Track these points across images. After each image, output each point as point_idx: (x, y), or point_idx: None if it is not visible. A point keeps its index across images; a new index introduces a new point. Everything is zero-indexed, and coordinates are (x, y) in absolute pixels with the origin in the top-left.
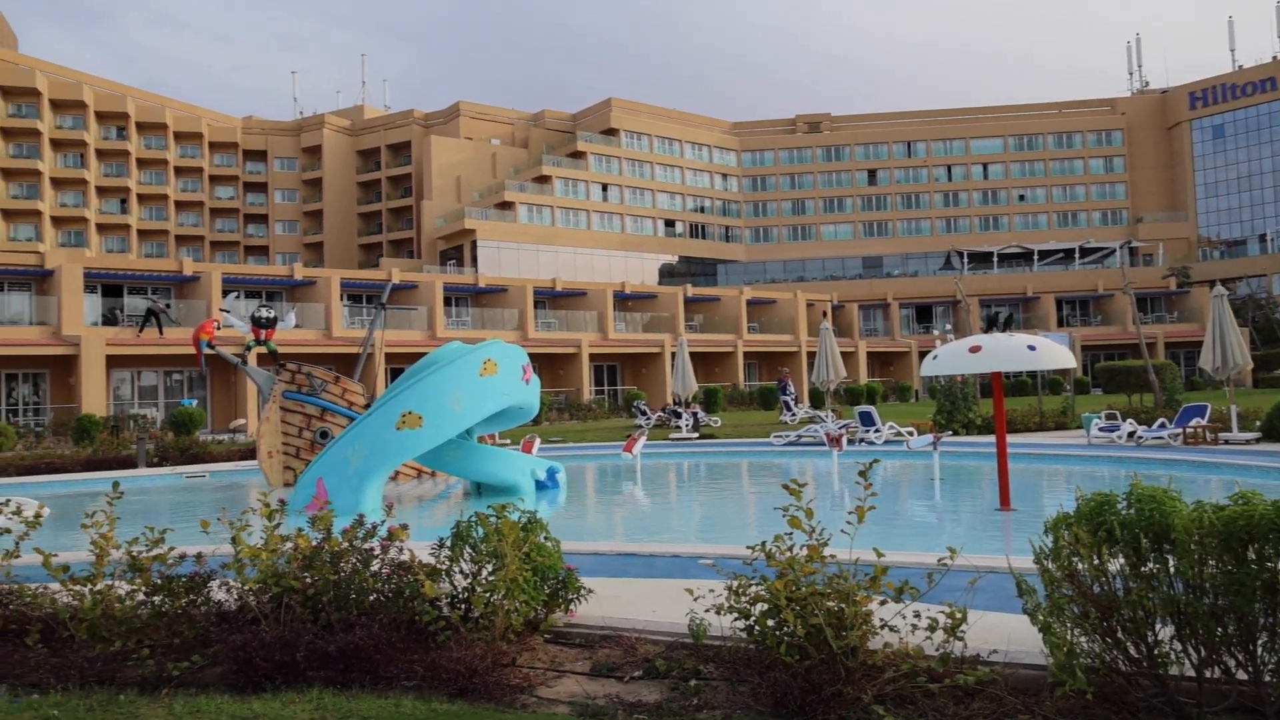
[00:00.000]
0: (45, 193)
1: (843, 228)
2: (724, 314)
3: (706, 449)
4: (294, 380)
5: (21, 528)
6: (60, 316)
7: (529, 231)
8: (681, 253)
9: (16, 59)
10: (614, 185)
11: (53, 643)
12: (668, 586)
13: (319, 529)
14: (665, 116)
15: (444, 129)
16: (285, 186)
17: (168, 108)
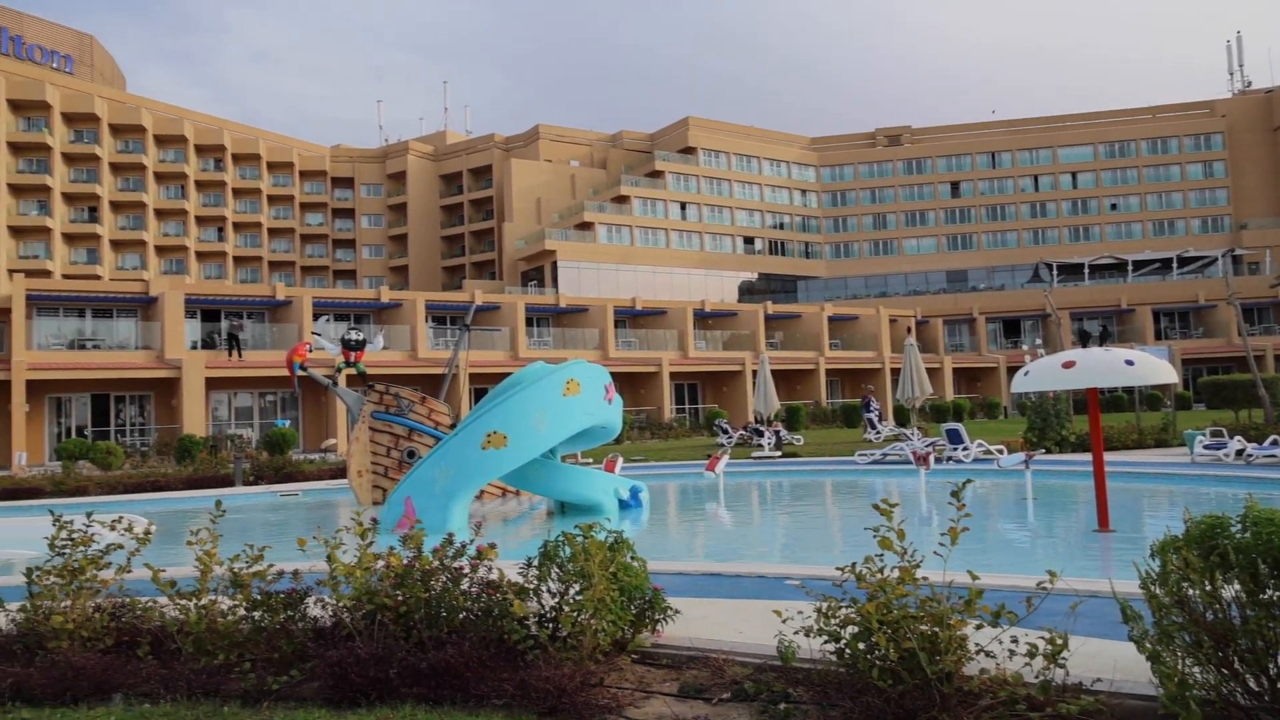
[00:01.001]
0: (149, 223)
1: (925, 241)
2: (805, 331)
3: (789, 467)
4: (382, 401)
5: (133, 544)
6: (163, 341)
7: (608, 251)
8: (761, 270)
9: (124, 98)
10: (692, 203)
11: (161, 655)
12: (754, 607)
13: (410, 547)
14: (743, 134)
15: (524, 152)
16: (371, 212)
17: (261, 139)
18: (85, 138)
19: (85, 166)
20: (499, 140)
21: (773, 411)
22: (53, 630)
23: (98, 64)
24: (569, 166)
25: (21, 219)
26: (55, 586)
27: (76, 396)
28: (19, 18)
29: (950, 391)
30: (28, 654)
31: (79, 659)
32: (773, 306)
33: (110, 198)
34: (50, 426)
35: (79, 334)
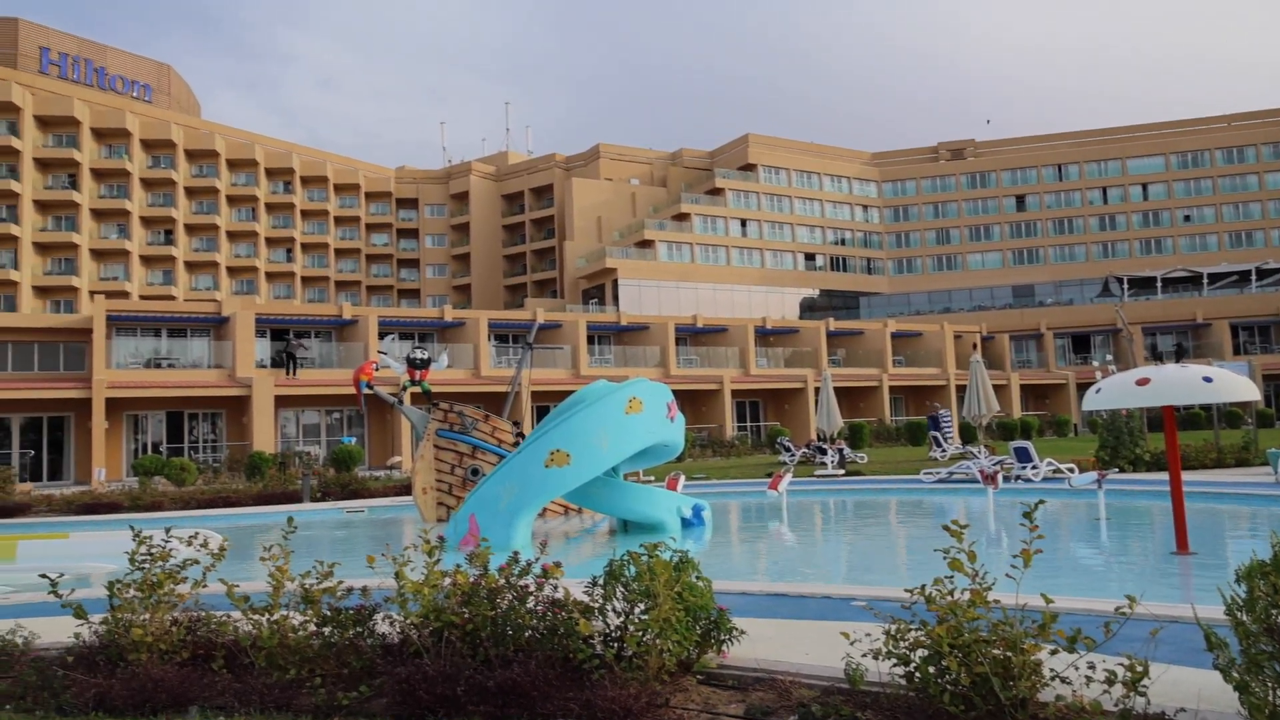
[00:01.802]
0: (222, 245)
1: (990, 256)
2: (867, 348)
3: (853, 486)
4: (446, 419)
5: (208, 559)
6: (234, 360)
7: (669, 269)
8: (822, 286)
9: (199, 124)
10: (753, 220)
11: (235, 668)
12: (820, 628)
13: (476, 565)
14: (803, 150)
15: (584, 171)
16: (435, 232)
17: (329, 162)
18: (162, 163)
19: (162, 191)
20: (560, 160)
21: (836, 429)
22: (132, 643)
23: (175, 92)
24: (629, 185)
25: (103, 242)
26: (135, 600)
27: (152, 414)
28: (103, 50)
29: (1017, 409)
30: (109, 665)
31: (157, 671)
32: (835, 323)
33: (185, 220)
34: (128, 443)
35: (155, 353)
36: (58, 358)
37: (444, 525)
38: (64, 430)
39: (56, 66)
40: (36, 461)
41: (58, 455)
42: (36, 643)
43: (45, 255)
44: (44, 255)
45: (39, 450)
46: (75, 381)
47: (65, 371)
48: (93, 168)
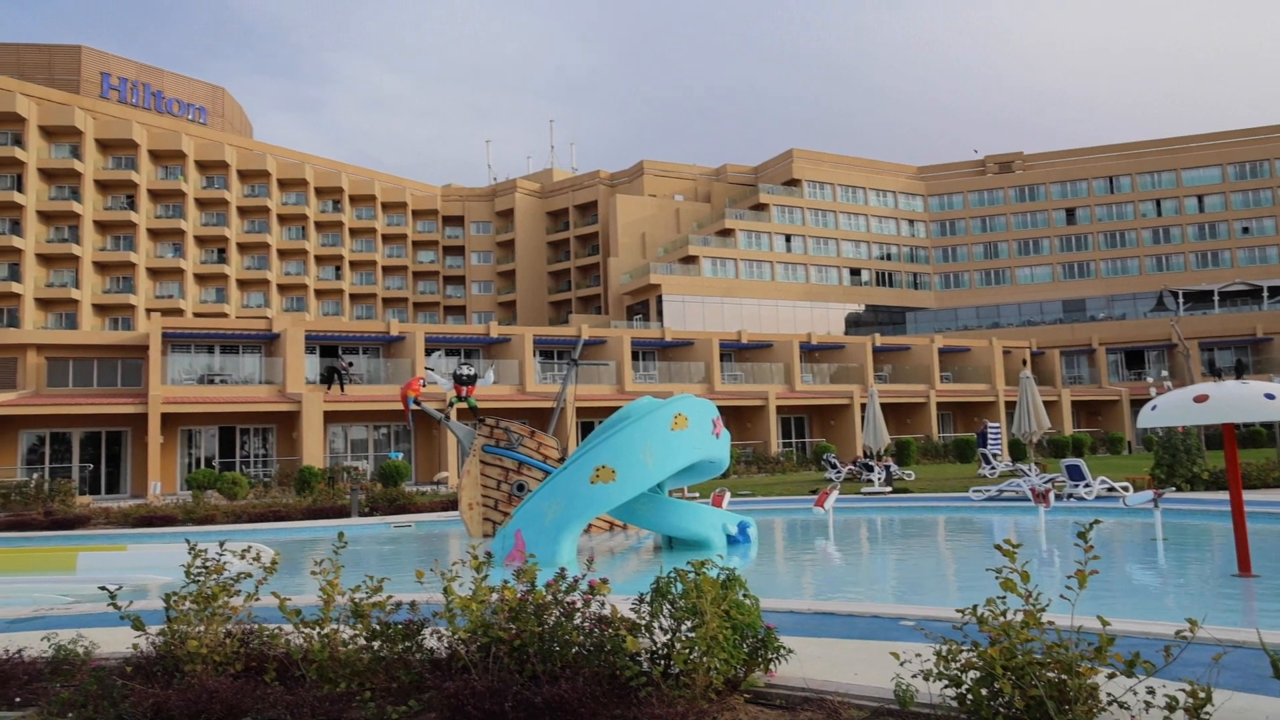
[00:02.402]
0: (273, 263)
1: (1040, 270)
2: (914, 363)
3: (901, 504)
4: (492, 435)
5: (260, 573)
6: (285, 376)
7: (713, 284)
8: (868, 301)
9: (251, 145)
10: (797, 235)
11: (287, 681)
12: (869, 648)
13: (524, 581)
14: (848, 164)
15: (628, 187)
16: (481, 249)
17: (376, 180)
18: (216, 183)
19: (215, 210)
20: (604, 176)
21: (883, 446)
22: (188, 654)
23: (228, 114)
24: (673, 201)
25: (159, 261)
26: (190, 612)
27: (205, 429)
28: (160, 74)
29: (1069, 425)
30: (166, 676)
31: (212, 683)
32: (881, 339)
33: (237, 239)
34: (182, 457)
35: (208, 369)
36: (116, 374)
37: (490, 540)
38: (121, 444)
39: (116, 91)
40: (95, 475)
41: (115, 469)
42: (96, 652)
43: (104, 274)
44: (103, 274)
45: (97, 464)
46: (132, 397)
47: (123, 387)
48: (150, 189)
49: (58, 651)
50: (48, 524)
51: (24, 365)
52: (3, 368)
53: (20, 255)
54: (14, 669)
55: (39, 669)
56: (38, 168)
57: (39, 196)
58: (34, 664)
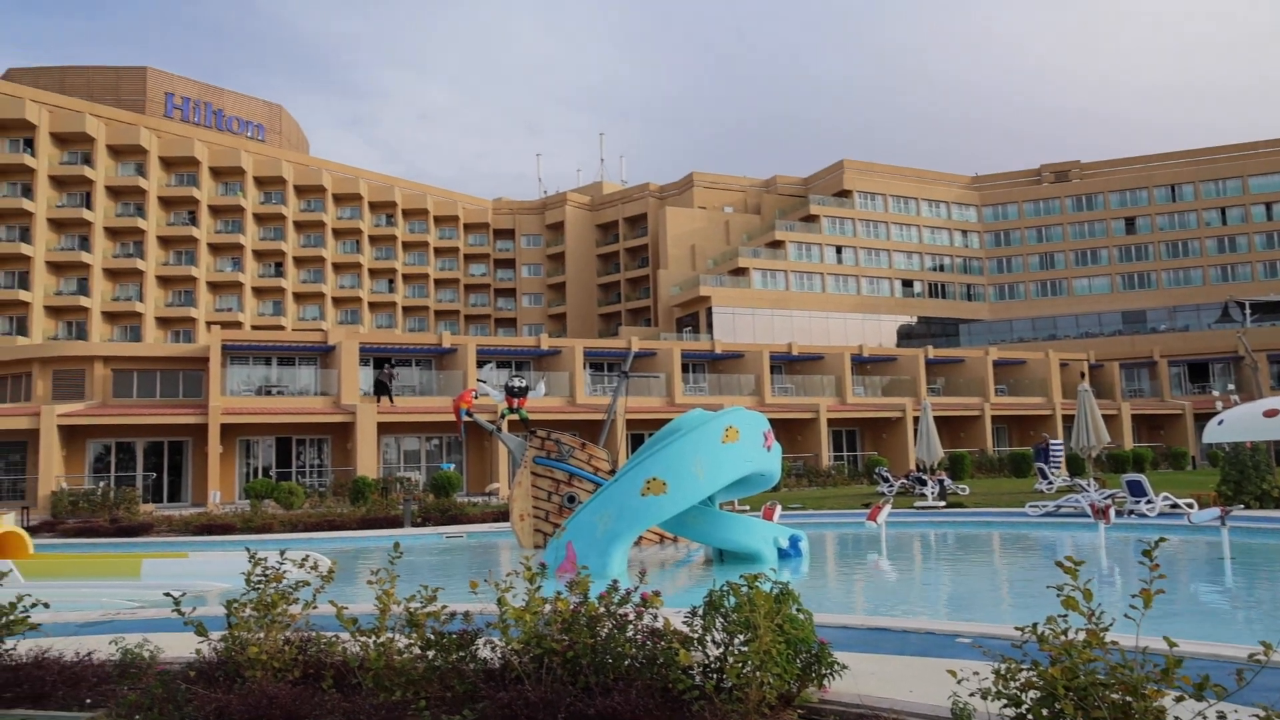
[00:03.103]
0: (328, 276)
1: (1098, 281)
2: (968, 376)
3: (954, 518)
4: (544, 446)
5: (318, 581)
6: (340, 387)
7: (763, 296)
8: (920, 313)
9: (308, 161)
10: (848, 247)
11: (343, 688)
12: (924, 665)
13: (577, 593)
14: (899, 175)
15: (678, 200)
16: (531, 261)
17: (429, 195)
18: (273, 199)
19: (273, 225)
20: (654, 189)
21: (936, 460)
22: (249, 660)
23: (285, 131)
24: (723, 213)
25: (218, 275)
26: (251, 619)
27: (263, 439)
28: (221, 93)
29: (1129, 440)
30: (228, 681)
31: (272, 689)
32: (934, 351)
33: (294, 253)
34: (240, 467)
35: (266, 381)
36: (178, 385)
37: (541, 552)
38: (183, 454)
39: (179, 110)
40: (158, 483)
41: (177, 478)
42: (161, 656)
43: (167, 288)
44: (166, 288)
45: (160, 473)
46: (193, 408)
47: (184, 398)
48: (210, 204)
49: (125, 655)
50: (114, 531)
51: (91, 377)
52: (72, 379)
53: (88, 270)
54: (84, 671)
55: (107, 671)
56: (105, 185)
57: (106, 213)
58: (102, 666)
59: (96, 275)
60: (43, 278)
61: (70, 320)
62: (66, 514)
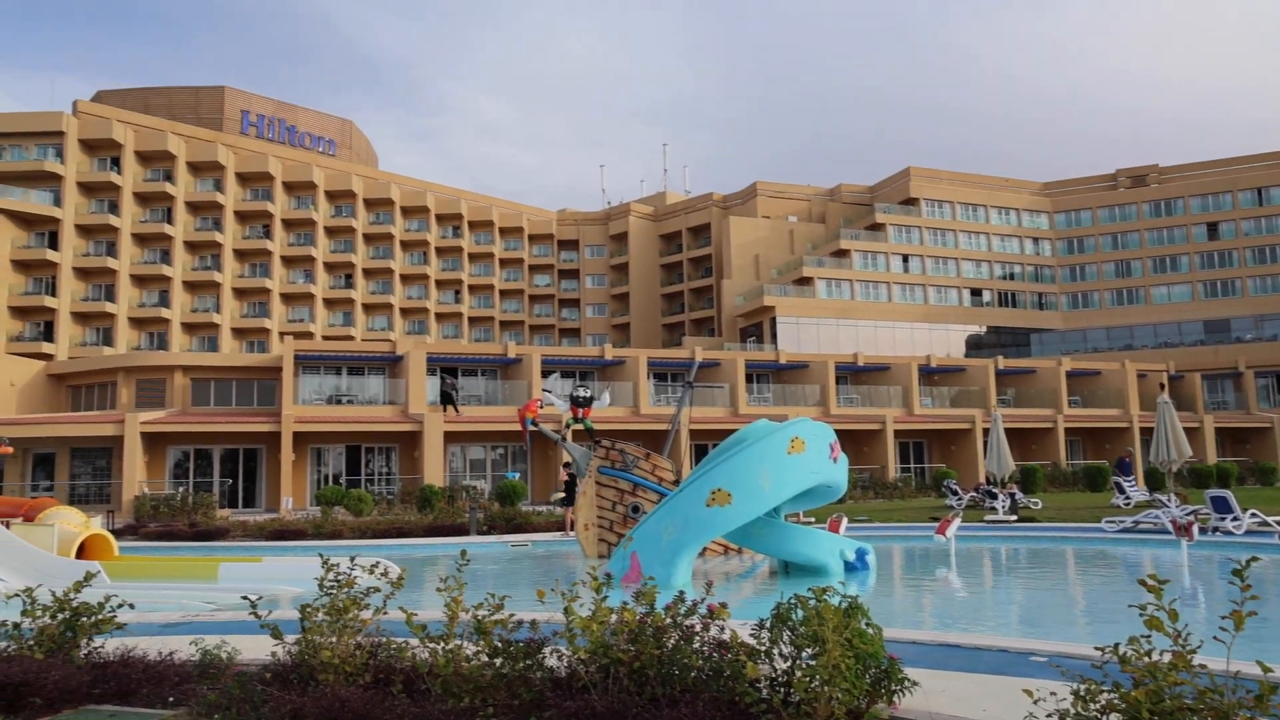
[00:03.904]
0: (396, 288)
1: (1178, 289)
2: (1040, 387)
3: (1027, 533)
4: (608, 456)
5: (388, 588)
6: (407, 397)
7: (828, 306)
8: (990, 323)
9: (376, 174)
10: (915, 256)
11: (413, 694)
12: (997, 683)
13: (643, 603)
14: (967, 182)
15: (742, 209)
16: (595, 272)
17: (494, 207)
18: (343, 212)
19: (343, 238)
20: (717, 199)
21: (1007, 472)
22: (322, 663)
23: (355, 145)
24: (787, 222)
25: (291, 286)
26: (323, 623)
27: (333, 447)
28: (294, 110)
29: (1212, 454)
30: (301, 683)
31: (344, 692)
32: (1004, 361)
33: (363, 265)
34: (311, 474)
35: (336, 390)
36: (252, 394)
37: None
38: (257, 461)
39: (255, 127)
40: (233, 489)
41: (251, 484)
42: (238, 658)
43: (242, 299)
44: (241, 300)
45: (235, 479)
46: (267, 416)
47: (258, 406)
48: (283, 218)
49: (204, 655)
50: (192, 535)
51: (171, 386)
52: (154, 388)
53: (169, 283)
54: (166, 670)
55: (188, 671)
56: (185, 201)
57: (186, 228)
58: (183, 666)
59: (177, 288)
60: (127, 290)
61: (152, 331)
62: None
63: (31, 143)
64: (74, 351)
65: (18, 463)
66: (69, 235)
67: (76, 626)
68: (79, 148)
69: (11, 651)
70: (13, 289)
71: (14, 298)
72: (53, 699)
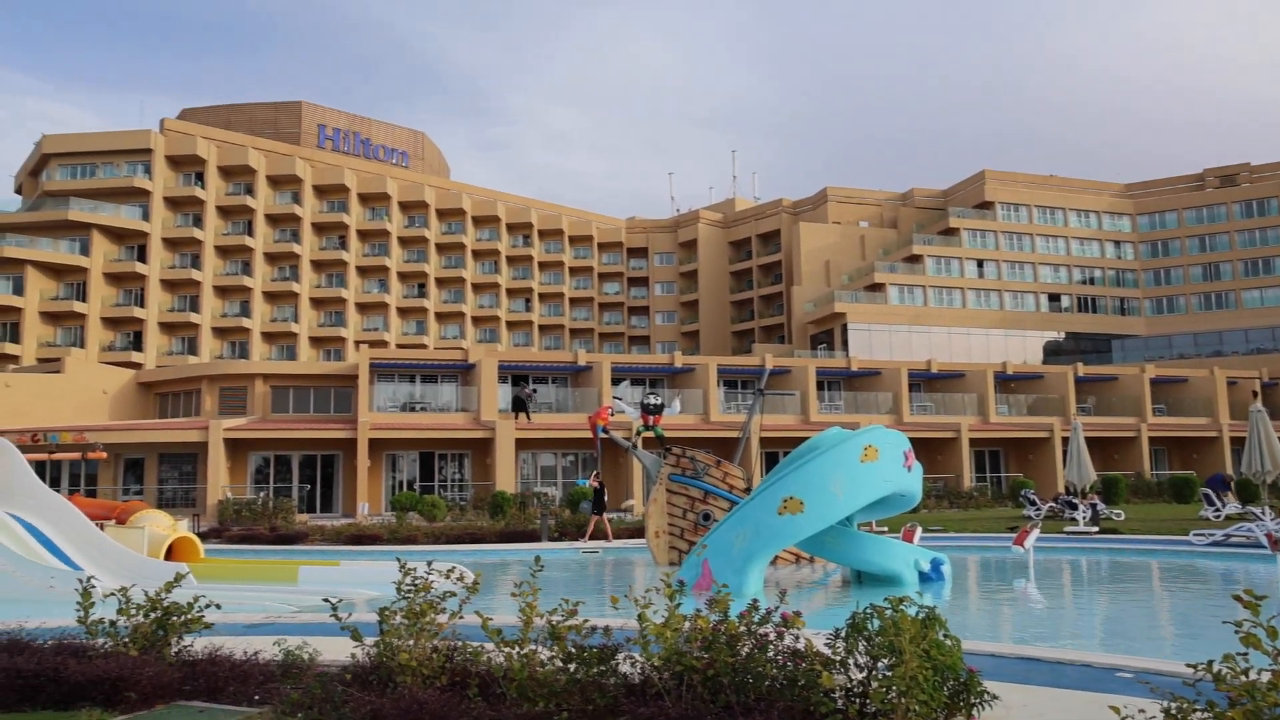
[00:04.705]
0: (468, 296)
1: (1271, 292)
2: (1122, 394)
3: (1109, 545)
4: (679, 464)
5: (464, 592)
6: (479, 404)
7: (900, 312)
8: (1068, 329)
9: (448, 185)
10: (990, 260)
11: (488, 697)
12: (1081, 699)
13: (716, 611)
14: (1045, 184)
15: (812, 215)
16: (664, 279)
17: (563, 215)
18: (416, 222)
19: (416, 248)
20: (787, 205)
21: (1087, 482)
22: (399, 666)
23: (428, 156)
24: (858, 227)
25: (366, 296)
26: (401, 627)
27: (407, 454)
28: (368, 123)
29: None
30: (380, 685)
31: (422, 694)
32: (1084, 368)
33: (435, 274)
34: (386, 480)
35: (410, 398)
36: (329, 401)
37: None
38: (334, 467)
39: (330, 141)
40: (311, 495)
41: (328, 489)
42: (319, 659)
43: (319, 309)
44: (318, 309)
45: (313, 484)
46: (343, 423)
47: (335, 414)
48: (358, 229)
49: (287, 656)
50: (272, 538)
51: (252, 393)
52: (236, 395)
53: (250, 293)
54: (251, 669)
55: (271, 671)
56: (265, 213)
57: (265, 240)
58: (267, 666)
59: (257, 298)
60: (210, 301)
61: (234, 340)
62: (231, 521)
63: (123, 160)
64: (161, 360)
65: (110, 467)
66: (156, 248)
67: (168, 625)
68: (166, 164)
69: (108, 648)
70: (105, 301)
71: (106, 309)
72: (147, 694)
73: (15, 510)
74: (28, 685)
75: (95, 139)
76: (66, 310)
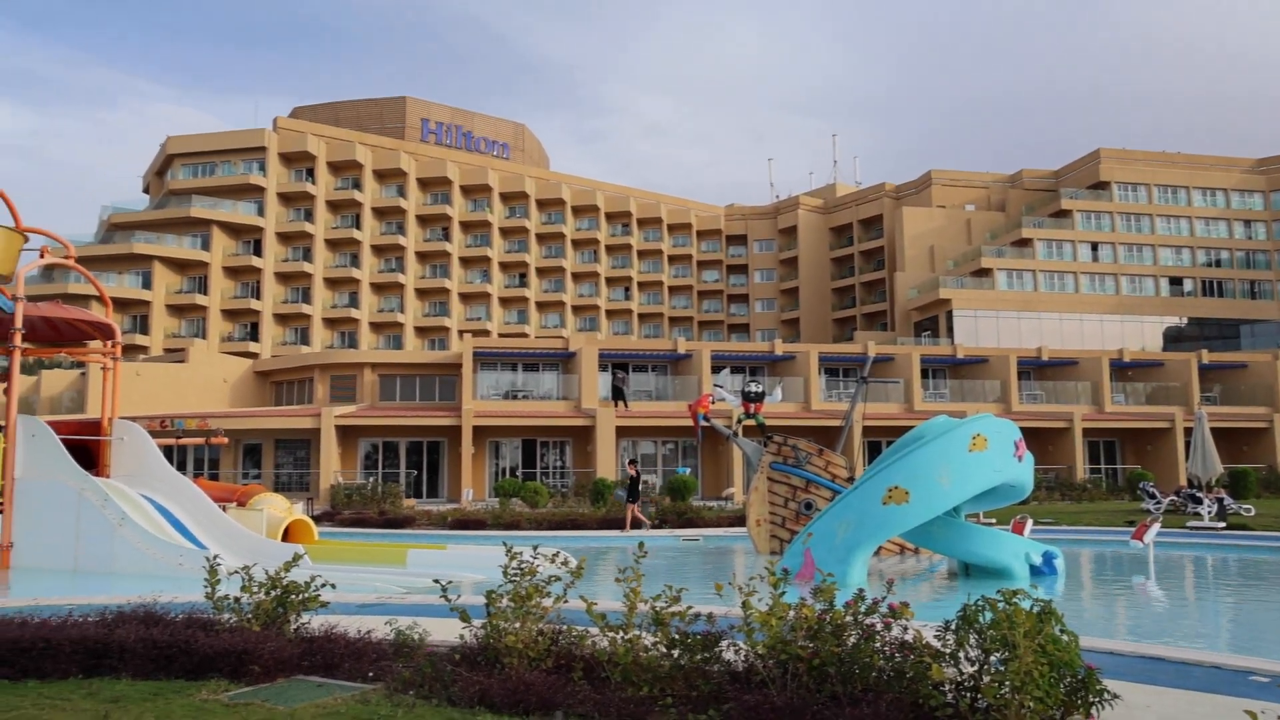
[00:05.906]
0: (567, 285)
1: None
2: (1251, 382)
3: (1237, 542)
4: (780, 452)
5: (568, 577)
6: (580, 392)
7: (1008, 298)
8: (1191, 313)
9: (548, 175)
10: (1105, 243)
11: (592, 680)
12: (1209, 702)
13: (822, 600)
14: (1165, 162)
15: (915, 199)
16: (763, 267)
17: (662, 204)
18: (516, 213)
19: (516, 238)
20: (889, 189)
21: (1213, 476)
22: (506, 648)
23: (528, 148)
24: (963, 211)
25: (468, 286)
26: (508, 609)
27: (509, 441)
28: (470, 116)
29: None
30: (488, 666)
31: (528, 676)
32: (1209, 355)
33: (536, 264)
34: (489, 466)
35: (512, 386)
36: (434, 389)
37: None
38: (439, 453)
39: (434, 135)
40: (417, 480)
41: (434, 475)
42: (428, 639)
43: (424, 300)
44: (423, 300)
45: (420, 470)
46: (448, 411)
47: (440, 401)
48: (461, 221)
49: (398, 635)
50: (381, 522)
51: (362, 381)
52: (345, 384)
53: (358, 285)
54: (365, 647)
55: (384, 649)
56: (371, 207)
57: (372, 232)
58: (380, 644)
59: (364, 289)
60: (321, 293)
61: (343, 331)
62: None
63: (239, 158)
64: (276, 350)
65: (231, 452)
66: (270, 242)
67: (287, 603)
68: (279, 161)
69: (233, 623)
70: (224, 293)
71: (225, 301)
72: (269, 667)
73: (147, 492)
74: (162, 655)
75: (214, 139)
76: (189, 303)
